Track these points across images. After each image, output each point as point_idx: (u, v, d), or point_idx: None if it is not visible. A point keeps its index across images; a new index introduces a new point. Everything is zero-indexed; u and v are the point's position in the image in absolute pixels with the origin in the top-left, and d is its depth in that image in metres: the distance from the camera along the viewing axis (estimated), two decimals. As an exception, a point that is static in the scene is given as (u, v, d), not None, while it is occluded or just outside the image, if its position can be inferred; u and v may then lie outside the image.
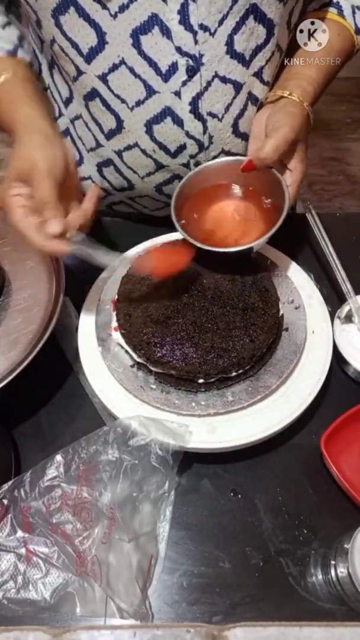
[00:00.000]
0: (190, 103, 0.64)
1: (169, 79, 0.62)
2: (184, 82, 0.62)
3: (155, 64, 0.61)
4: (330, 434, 0.57)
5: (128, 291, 0.64)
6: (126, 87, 0.63)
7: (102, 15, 0.58)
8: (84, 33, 0.60)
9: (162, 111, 0.65)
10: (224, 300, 0.61)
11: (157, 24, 0.58)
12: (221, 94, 0.65)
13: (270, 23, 0.61)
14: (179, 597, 0.51)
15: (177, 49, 0.60)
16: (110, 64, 0.62)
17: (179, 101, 0.64)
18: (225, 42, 0.61)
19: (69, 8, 0.58)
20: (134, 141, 0.69)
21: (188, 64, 0.61)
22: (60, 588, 0.49)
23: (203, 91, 0.63)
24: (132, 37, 0.59)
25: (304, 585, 0.51)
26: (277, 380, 0.58)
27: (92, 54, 0.61)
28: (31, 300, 0.66)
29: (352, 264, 0.71)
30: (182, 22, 0.58)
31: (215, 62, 0.62)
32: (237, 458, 0.59)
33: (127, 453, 0.54)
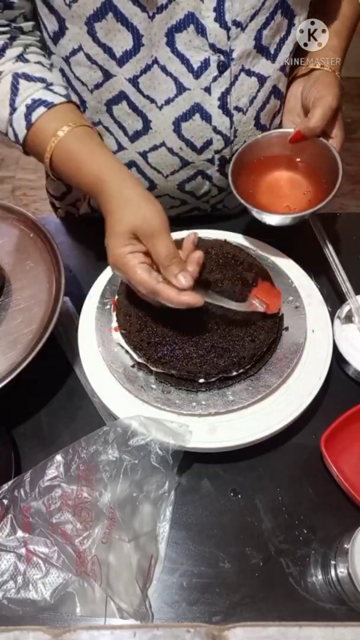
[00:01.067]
0: (219, 98, 0.65)
1: (200, 76, 0.63)
2: (214, 78, 0.63)
3: (188, 61, 0.62)
4: (330, 434, 0.57)
5: (128, 291, 0.64)
6: (156, 87, 0.64)
7: (141, 18, 0.57)
8: (120, 37, 0.59)
9: (191, 108, 0.66)
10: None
11: (193, 22, 0.58)
12: (247, 88, 0.66)
13: (292, 15, 0.64)
14: (179, 597, 0.51)
15: (210, 46, 0.61)
16: (144, 65, 0.62)
17: (208, 97, 0.65)
18: (254, 37, 0.62)
19: (107, 14, 0.57)
20: (161, 140, 0.69)
21: (219, 60, 0.62)
22: (60, 588, 0.49)
23: (231, 86, 0.65)
24: (166, 35, 0.59)
25: (304, 585, 0.51)
26: (278, 380, 0.58)
27: (125, 57, 0.61)
28: (31, 300, 0.66)
29: (352, 264, 0.71)
30: (217, 19, 0.59)
31: (244, 56, 0.63)
32: (237, 458, 0.59)
33: (127, 453, 0.54)
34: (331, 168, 0.65)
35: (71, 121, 0.61)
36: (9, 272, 0.70)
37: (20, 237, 0.74)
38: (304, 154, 0.69)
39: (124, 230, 0.54)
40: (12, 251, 0.72)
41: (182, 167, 0.73)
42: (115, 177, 0.58)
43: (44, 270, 0.70)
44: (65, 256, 0.69)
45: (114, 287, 0.67)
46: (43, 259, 0.71)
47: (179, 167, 0.73)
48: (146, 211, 0.55)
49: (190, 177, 0.75)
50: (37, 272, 0.70)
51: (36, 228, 0.73)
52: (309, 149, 0.67)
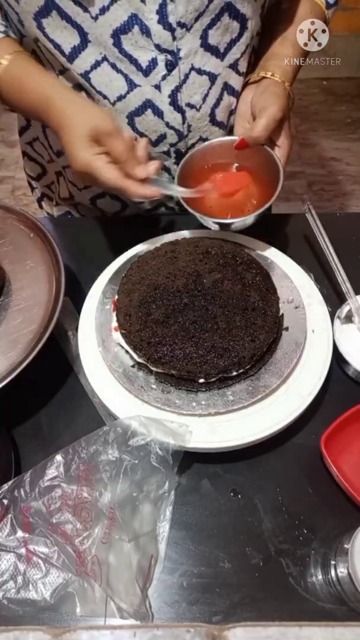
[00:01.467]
0: (170, 95, 0.67)
1: (149, 74, 0.65)
2: (163, 77, 0.65)
3: (136, 61, 0.63)
4: (330, 434, 0.57)
5: (128, 291, 0.64)
6: (108, 84, 0.66)
7: (84, 17, 0.59)
8: (66, 34, 0.61)
9: (143, 104, 0.68)
10: (224, 300, 0.61)
11: (137, 23, 0.60)
12: (198, 86, 0.68)
13: (244, 18, 0.64)
14: (179, 597, 0.51)
15: (156, 46, 0.62)
16: (93, 61, 0.64)
17: (159, 94, 0.67)
18: (200, 36, 0.63)
19: (52, 12, 0.59)
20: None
21: (167, 59, 0.63)
22: (60, 588, 0.49)
23: (181, 84, 0.66)
24: (112, 37, 0.61)
25: (304, 585, 0.51)
26: (278, 380, 0.58)
27: (74, 53, 0.63)
28: (31, 300, 0.66)
29: (352, 264, 0.71)
30: (160, 21, 0.60)
31: (192, 55, 0.65)
32: (237, 458, 0.59)
33: (127, 453, 0.54)
34: (274, 176, 0.66)
35: (12, 50, 0.64)
36: (9, 272, 0.70)
37: (20, 237, 0.74)
38: (250, 161, 0.70)
39: (85, 134, 0.57)
40: (12, 251, 0.72)
41: None
42: (61, 92, 0.62)
43: (44, 270, 0.70)
44: (65, 256, 0.69)
45: (114, 287, 0.67)
46: (43, 259, 0.71)
47: None
48: (100, 112, 0.59)
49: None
50: (37, 272, 0.70)
51: (36, 228, 0.73)
52: (255, 156, 0.69)
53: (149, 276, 0.64)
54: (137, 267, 0.67)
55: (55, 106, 0.60)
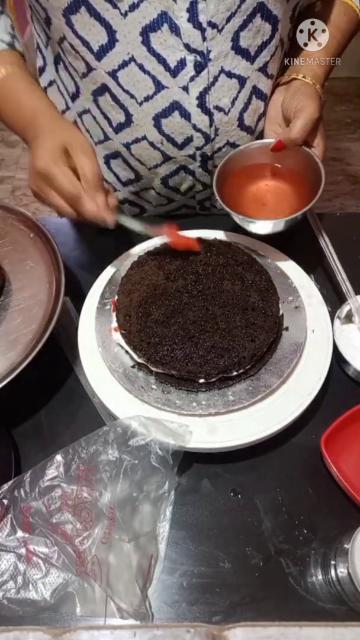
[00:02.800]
0: (198, 97, 0.66)
1: (177, 75, 0.63)
2: (191, 78, 0.64)
3: (164, 60, 0.62)
4: (330, 434, 0.57)
5: (128, 291, 0.64)
6: (135, 83, 0.65)
7: (113, 14, 0.59)
8: (94, 31, 0.60)
9: (170, 105, 0.66)
10: (224, 300, 0.61)
11: (167, 21, 0.59)
12: (227, 89, 0.67)
13: (275, 19, 0.63)
14: (179, 597, 0.51)
15: (185, 46, 0.61)
16: (120, 60, 0.63)
17: (186, 96, 0.65)
18: (231, 39, 0.62)
19: (80, 7, 0.58)
20: (143, 134, 0.70)
21: (196, 60, 0.62)
22: (60, 588, 0.49)
23: (210, 86, 0.65)
24: (141, 34, 0.60)
25: (304, 585, 0.51)
26: (278, 380, 0.58)
27: (102, 51, 0.62)
28: (31, 300, 0.66)
29: (352, 264, 0.71)
30: (190, 19, 0.59)
31: (222, 57, 0.63)
32: (237, 458, 0.59)
33: (127, 453, 0.54)
34: (314, 175, 0.66)
35: (9, 64, 0.65)
36: (9, 272, 0.69)
37: (20, 237, 0.74)
38: (286, 163, 0.70)
39: (56, 145, 0.58)
40: (12, 251, 0.72)
41: (164, 161, 0.74)
42: (45, 112, 0.63)
43: (44, 270, 0.70)
44: (65, 256, 0.69)
45: (114, 287, 0.67)
46: (43, 259, 0.71)
47: (161, 161, 0.74)
48: (78, 134, 0.60)
49: (173, 172, 0.76)
50: (37, 272, 0.70)
51: (36, 228, 0.73)
52: (292, 158, 0.69)
53: (148, 276, 0.64)
54: (137, 267, 0.67)
55: (40, 120, 0.61)
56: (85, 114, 0.74)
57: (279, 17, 0.63)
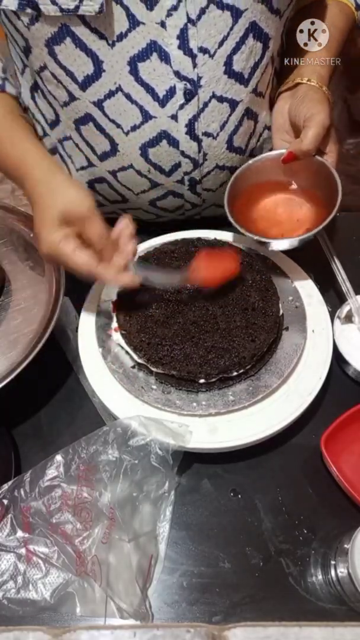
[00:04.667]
0: (187, 125, 0.64)
1: (166, 104, 0.61)
2: (181, 106, 0.62)
3: (153, 90, 0.60)
4: (330, 434, 0.57)
5: (128, 292, 0.64)
6: (122, 113, 0.63)
7: (100, 44, 0.56)
8: (80, 62, 0.58)
9: (158, 135, 0.64)
10: (224, 300, 0.61)
11: (156, 50, 0.57)
12: (217, 113, 0.65)
13: (267, 38, 0.61)
14: (179, 597, 0.51)
15: (175, 73, 0.59)
16: (107, 90, 0.61)
17: (175, 124, 0.63)
18: (224, 63, 0.60)
19: (65, 39, 0.56)
20: (129, 163, 0.68)
21: (186, 88, 0.60)
22: (60, 588, 0.49)
23: (199, 112, 0.63)
24: (129, 64, 0.58)
25: (304, 585, 0.51)
26: (278, 380, 0.58)
27: (87, 81, 0.60)
28: (31, 300, 0.66)
29: (352, 264, 0.71)
30: (181, 46, 0.57)
31: (214, 83, 0.61)
32: (237, 458, 0.59)
33: (127, 453, 0.54)
34: (329, 185, 0.63)
35: (3, 109, 0.62)
36: (9, 272, 0.70)
37: (20, 237, 0.74)
38: (299, 174, 0.67)
39: (54, 217, 0.53)
40: (12, 251, 0.72)
41: (152, 188, 0.72)
42: (40, 164, 0.57)
43: (44, 270, 0.70)
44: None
45: (114, 287, 0.67)
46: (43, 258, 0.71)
47: (149, 187, 0.72)
48: (75, 195, 0.54)
49: (161, 196, 0.74)
50: (37, 272, 0.70)
51: (36, 228, 0.73)
52: (305, 168, 0.66)
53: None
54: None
55: (33, 179, 0.57)
56: (67, 140, 0.71)
57: (270, 34, 0.61)
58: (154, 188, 0.72)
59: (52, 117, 0.70)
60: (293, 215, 0.67)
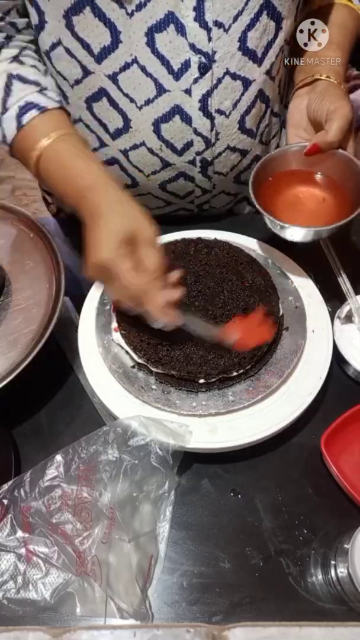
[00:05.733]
0: (200, 100, 0.65)
1: (180, 77, 0.62)
2: (195, 80, 0.63)
3: (168, 62, 0.61)
4: (330, 434, 0.57)
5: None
6: (136, 87, 0.63)
7: (119, 14, 0.57)
8: (97, 32, 0.59)
9: (171, 110, 0.65)
10: (224, 300, 0.61)
11: (173, 21, 0.58)
12: (230, 91, 0.65)
13: (280, 17, 0.62)
14: (179, 597, 0.51)
15: (190, 46, 0.60)
16: (122, 63, 0.62)
17: (188, 99, 0.64)
18: (238, 39, 0.61)
19: (85, 7, 0.57)
20: (141, 140, 0.69)
21: (200, 61, 0.61)
22: (60, 588, 0.49)
23: (213, 88, 0.64)
24: (146, 35, 0.59)
25: (304, 585, 0.51)
26: (278, 380, 0.58)
27: (103, 53, 0.61)
28: (31, 300, 0.66)
29: (352, 264, 0.71)
30: (197, 18, 0.58)
31: (228, 58, 0.62)
32: (237, 458, 0.59)
33: (127, 453, 0.54)
34: (353, 178, 0.63)
35: (62, 128, 0.61)
36: (9, 272, 0.69)
37: (20, 237, 0.74)
38: (322, 167, 0.67)
39: (121, 233, 0.52)
40: (12, 251, 0.72)
41: (163, 168, 0.73)
42: (106, 186, 0.57)
43: (44, 270, 0.70)
44: (65, 256, 0.69)
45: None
46: (43, 259, 0.71)
47: (160, 167, 0.72)
48: (146, 221, 0.54)
49: (172, 178, 0.75)
50: (37, 272, 0.70)
51: (36, 228, 0.73)
52: (328, 162, 0.65)
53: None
54: (137, 267, 0.67)
55: (99, 199, 0.55)
56: (76, 123, 0.72)
57: (283, 14, 0.62)
58: (165, 168, 0.72)
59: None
60: (317, 208, 0.67)
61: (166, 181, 0.75)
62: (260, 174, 0.67)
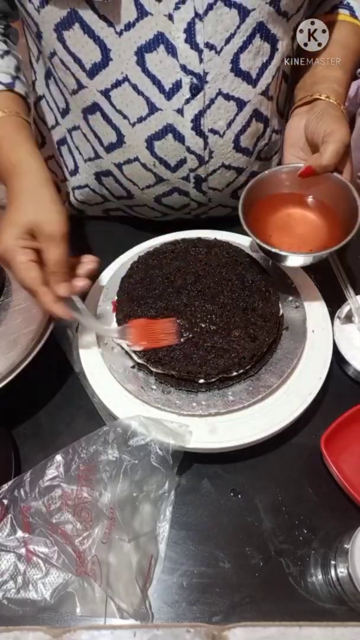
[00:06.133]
0: (193, 120, 0.64)
1: (172, 97, 0.62)
2: (187, 100, 0.62)
3: (159, 82, 0.61)
4: (330, 434, 0.57)
5: (128, 291, 0.64)
6: (128, 104, 0.63)
7: (108, 32, 0.57)
8: (87, 49, 0.59)
9: (164, 128, 0.65)
10: (224, 300, 0.61)
11: (163, 42, 0.57)
12: (224, 111, 0.65)
13: (275, 39, 0.62)
14: (179, 597, 0.51)
15: (181, 67, 0.59)
16: (114, 80, 0.61)
17: (181, 119, 0.64)
18: (230, 60, 0.60)
19: (74, 24, 0.57)
20: (135, 155, 0.68)
21: (192, 82, 0.61)
22: (60, 588, 0.49)
23: (206, 108, 0.63)
24: (136, 54, 0.58)
25: (304, 585, 0.51)
26: (278, 380, 0.58)
27: (95, 69, 0.61)
28: (31, 300, 0.66)
29: (352, 264, 0.71)
30: (187, 40, 0.57)
31: (220, 79, 0.62)
32: (237, 458, 0.59)
33: (127, 453, 0.54)
34: (347, 203, 0.61)
35: (6, 108, 0.61)
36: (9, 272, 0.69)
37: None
38: (315, 190, 0.65)
39: (24, 224, 0.53)
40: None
41: (157, 183, 0.72)
42: (34, 171, 0.57)
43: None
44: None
45: (114, 287, 0.67)
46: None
47: (154, 182, 0.72)
48: (53, 214, 0.54)
49: (166, 192, 0.74)
50: (37, 272, 0.70)
51: (36, 228, 0.73)
52: (321, 184, 0.63)
53: (148, 276, 0.64)
54: (137, 267, 0.67)
55: (22, 181, 0.56)
56: (75, 130, 0.72)
57: (277, 36, 0.61)
58: (160, 183, 0.72)
59: (63, 105, 0.71)
60: (308, 231, 0.65)
61: (161, 195, 0.74)
62: (252, 193, 0.64)
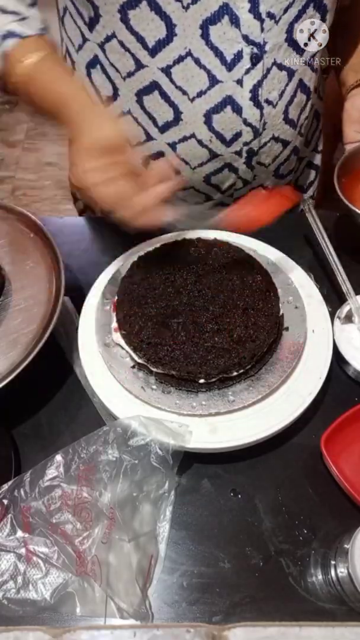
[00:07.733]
0: (251, 91, 0.66)
1: (233, 68, 0.64)
2: (247, 70, 0.64)
3: (221, 54, 0.62)
4: (330, 434, 0.57)
5: (128, 291, 0.64)
6: (189, 79, 0.65)
7: (174, 7, 0.59)
8: (152, 26, 0.60)
9: (223, 100, 0.66)
10: (224, 300, 0.61)
11: (227, 13, 0.59)
12: (277, 82, 0.67)
13: (325, 9, 0.64)
14: (179, 597, 0.51)
15: (243, 37, 0.61)
16: (176, 56, 0.63)
17: (240, 89, 0.66)
18: (286, 30, 0.63)
19: (141, 2, 0.59)
20: (191, 132, 0.70)
21: (252, 52, 0.63)
22: (60, 588, 0.49)
23: (263, 79, 0.65)
24: (201, 27, 0.60)
25: (304, 585, 0.51)
26: (278, 380, 0.58)
27: (158, 46, 0.62)
28: (31, 300, 0.66)
29: (352, 264, 0.71)
30: (251, 10, 0.59)
31: (276, 49, 0.64)
32: (237, 458, 0.59)
33: (127, 453, 0.54)
34: None
35: (42, 50, 0.61)
36: (9, 272, 0.69)
37: (20, 237, 0.74)
38: None
39: (92, 143, 0.55)
40: (12, 251, 0.72)
41: (210, 159, 0.73)
42: (85, 96, 0.59)
43: (44, 270, 0.69)
44: (65, 256, 0.69)
45: (114, 287, 0.67)
46: (43, 259, 0.71)
47: (207, 159, 0.73)
48: (117, 125, 0.56)
49: (217, 170, 0.76)
50: (37, 272, 0.70)
51: (36, 228, 0.73)
52: None
53: (148, 277, 0.64)
54: (137, 267, 0.67)
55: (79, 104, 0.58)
56: (124, 115, 0.72)
57: (328, 6, 0.64)
58: (212, 160, 0.73)
59: (109, 93, 0.71)
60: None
61: (211, 173, 0.76)
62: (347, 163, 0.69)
